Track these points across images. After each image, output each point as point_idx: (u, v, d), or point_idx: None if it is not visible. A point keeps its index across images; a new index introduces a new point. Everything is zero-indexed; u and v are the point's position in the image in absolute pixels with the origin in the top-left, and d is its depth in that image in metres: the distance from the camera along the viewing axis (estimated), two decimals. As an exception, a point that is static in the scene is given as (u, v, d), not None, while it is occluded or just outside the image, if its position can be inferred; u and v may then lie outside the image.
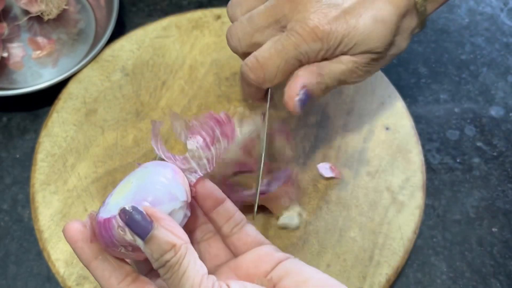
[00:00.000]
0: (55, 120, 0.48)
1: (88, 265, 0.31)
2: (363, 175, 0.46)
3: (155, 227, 0.28)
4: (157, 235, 0.28)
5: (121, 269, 0.31)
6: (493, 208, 0.48)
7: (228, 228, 0.35)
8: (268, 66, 0.36)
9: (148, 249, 0.28)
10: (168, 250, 0.28)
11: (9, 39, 0.54)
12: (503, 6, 0.59)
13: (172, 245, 0.28)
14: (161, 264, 0.28)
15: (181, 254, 0.28)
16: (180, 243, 0.28)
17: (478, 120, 0.52)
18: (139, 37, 0.53)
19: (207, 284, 0.28)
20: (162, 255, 0.28)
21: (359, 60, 0.36)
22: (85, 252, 0.31)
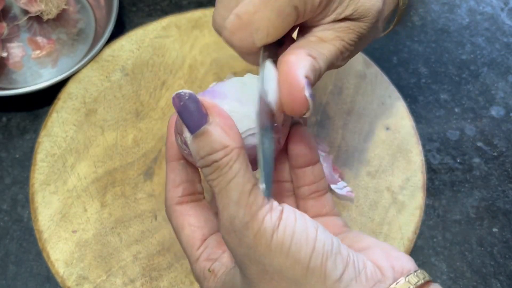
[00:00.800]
0: (55, 120, 0.48)
1: (169, 162, 0.30)
2: (363, 175, 0.46)
3: (210, 121, 0.25)
4: (211, 130, 0.25)
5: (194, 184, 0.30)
6: (494, 208, 0.48)
7: (308, 191, 0.32)
8: (256, 21, 0.27)
9: (195, 144, 0.25)
10: (218, 150, 0.25)
11: (9, 39, 0.54)
12: (504, 6, 0.59)
13: (224, 145, 0.25)
14: (207, 163, 0.25)
15: (232, 157, 0.25)
16: (233, 146, 0.25)
17: (478, 120, 0.52)
18: (139, 37, 0.52)
19: (258, 194, 0.25)
20: (210, 154, 0.25)
21: (346, 37, 0.29)
22: (173, 149, 0.29)
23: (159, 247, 0.43)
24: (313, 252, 0.24)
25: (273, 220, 0.24)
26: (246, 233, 0.24)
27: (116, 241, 0.43)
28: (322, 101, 0.50)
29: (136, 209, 0.44)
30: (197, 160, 0.26)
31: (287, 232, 0.24)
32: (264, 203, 0.25)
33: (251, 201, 0.24)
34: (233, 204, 0.25)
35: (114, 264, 0.42)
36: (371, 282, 0.25)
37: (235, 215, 0.24)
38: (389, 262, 0.27)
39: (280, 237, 0.24)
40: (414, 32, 0.57)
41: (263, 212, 0.24)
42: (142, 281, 0.41)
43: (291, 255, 0.24)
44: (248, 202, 0.24)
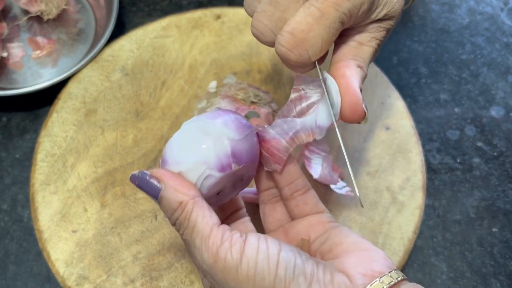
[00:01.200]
0: (55, 120, 0.48)
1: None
2: (363, 175, 0.46)
3: (163, 188, 0.29)
4: (165, 195, 0.28)
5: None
6: (493, 208, 0.48)
7: (289, 192, 0.34)
8: (310, 39, 0.29)
9: (162, 209, 0.29)
10: (176, 208, 0.28)
11: (9, 39, 0.54)
12: (503, 6, 0.59)
13: (179, 202, 0.28)
14: (173, 222, 0.29)
15: (188, 210, 0.28)
16: (186, 200, 0.28)
17: (478, 120, 0.52)
18: (139, 37, 0.52)
19: (217, 234, 0.28)
20: (172, 213, 0.29)
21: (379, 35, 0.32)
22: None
23: (159, 247, 0.43)
24: (275, 279, 0.26)
25: (234, 257, 0.27)
26: (215, 272, 0.27)
27: (116, 241, 0.43)
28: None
29: (136, 209, 0.44)
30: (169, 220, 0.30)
31: (250, 265, 0.27)
32: (224, 240, 0.27)
33: (211, 244, 0.27)
34: (197, 250, 0.28)
35: (114, 264, 0.42)
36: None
37: (202, 259, 0.28)
38: (362, 268, 0.28)
39: (244, 270, 0.27)
40: (414, 32, 0.57)
41: (223, 251, 0.27)
42: (142, 281, 0.41)
43: (257, 284, 0.27)
44: (208, 245, 0.27)
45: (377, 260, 0.29)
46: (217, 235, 0.28)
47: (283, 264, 0.27)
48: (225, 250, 0.27)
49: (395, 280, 0.27)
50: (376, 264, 0.28)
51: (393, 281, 0.27)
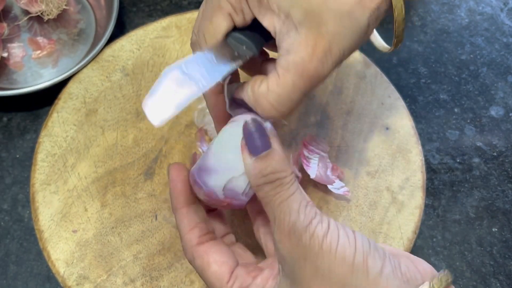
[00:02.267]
0: (55, 120, 0.48)
1: (178, 209, 0.32)
2: (363, 175, 0.46)
3: (273, 147, 0.29)
4: (274, 154, 0.29)
5: (207, 224, 0.32)
6: (493, 208, 0.48)
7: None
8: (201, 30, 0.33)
9: (258, 164, 0.28)
10: (281, 170, 0.28)
11: (9, 39, 0.54)
12: (503, 6, 0.59)
13: (286, 167, 0.29)
14: (270, 180, 0.28)
15: (292, 178, 0.29)
16: (290, 171, 0.29)
17: (478, 120, 0.52)
18: (139, 37, 0.53)
19: (312, 207, 0.28)
20: (274, 172, 0.28)
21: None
22: (181, 196, 0.32)
23: (160, 246, 0.43)
24: (356, 251, 0.27)
25: (323, 227, 0.28)
26: (304, 234, 0.28)
27: (116, 240, 0.43)
28: (322, 101, 0.50)
29: (137, 209, 0.44)
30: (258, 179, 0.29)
31: (333, 237, 0.28)
32: (317, 214, 0.28)
33: (308, 211, 0.28)
34: (295, 212, 0.28)
35: (115, 263, 0.42)
36: (405, 277, 0.28)
37: (296, 220, 0.28)
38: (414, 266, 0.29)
39: (329, 240, 0.27)
40: (414, 32, 0.58)
41: (316, 221, 0.28)
42: (142, 281, 0.41)
43: (338, 255, 0.27)
44: (306, 211, 0.28)
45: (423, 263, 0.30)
46: (312, 207, 0.29)
47: (360, 240, 0.28)
48: (318, 221, 0.28)
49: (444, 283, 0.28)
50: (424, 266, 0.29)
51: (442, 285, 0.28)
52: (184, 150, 0.47)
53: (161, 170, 0.46)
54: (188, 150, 0.47)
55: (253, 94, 0.31)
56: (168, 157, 0.47)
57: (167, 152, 0.47)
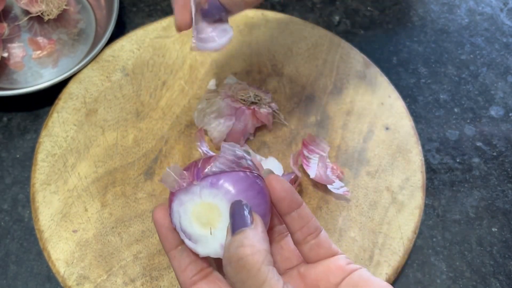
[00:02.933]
0: (56, 120, 0.48)
1: (168, 252, 0.32)
2: (363, 175, 0.46)
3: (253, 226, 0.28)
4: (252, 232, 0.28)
5: (197, 263, 0.31)
6: (493, 208, 0.48)
7: (301, 236, 0.33)
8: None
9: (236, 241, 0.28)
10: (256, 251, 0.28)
11: (10, 39, 0.54)
12: (503, 6, 0.59)
13: (263, 248, 0.28)
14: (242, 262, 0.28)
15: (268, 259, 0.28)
16: (267, 250, 0.28)
17: (477, 120, 0.52)
18: (139, 37, 0.53)
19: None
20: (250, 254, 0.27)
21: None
22: (168, 240, 0.31)
23: (160, 246, 0.43)
24: None
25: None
26: None
27: (116, 240, 0.43)
28: (322, 101, 0.50)
29: (137, 208, 0.44)
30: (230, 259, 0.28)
31: None
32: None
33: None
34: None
35: (115, 263, 0.42)
36: None
37: None
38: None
39: None
40: (414, 32, 0.58)
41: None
42: (142, 281, 0.41)
43: None
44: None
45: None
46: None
47: None
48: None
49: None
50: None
51: None
52: (184, 150, 0.47)
53: (161, 170, 0.46)
54: (188, 150, 0.47)
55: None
56: (168, 157, 0.47)
57: (167, 152, 0.47)
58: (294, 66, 0.52)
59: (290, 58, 0.52)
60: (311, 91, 0.50)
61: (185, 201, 0.30)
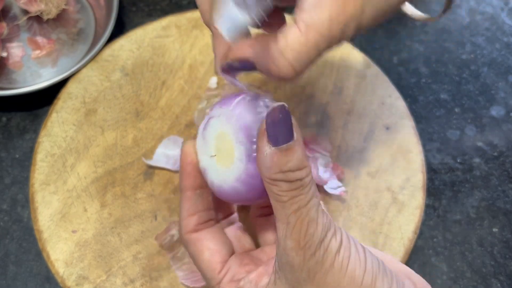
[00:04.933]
0: (55, 120, 0.48)
1: (183, 191, 0.31)
2: (363, 175, 0.46)
3: (296, 138, 0.26)
4: (296, 147, 0.25)
5: (208, 212, 0.30)
6: (494, 208, 0.48)
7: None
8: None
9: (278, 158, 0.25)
10: (302, 168, 0.26)
11: (9, 39, 0.54)
12: (504, 6, 0.59)
13: (306, 165, 0.26)
14: (289, 178, 0.26)
15: (311, 179, 0.26)
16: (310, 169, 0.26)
17: (478, 120, 0.52)
18: (139, 37, 0.52)
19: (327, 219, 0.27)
20: (294, 170, 0.25)
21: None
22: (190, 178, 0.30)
23: (159, 247, 0.43)
24: (365, 272, 0.27)
25: (337, 241, 0.27)
26: (319, 249, 0.26)
27: (116, 241, 0.43)
28: (322, 101, 0.50)
29: (136, 209, 0.44)
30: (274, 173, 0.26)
31: (345, 254, 0.27)
32: (331, 225, 0.27)
33: (325, 221, 0.27)
34: (313, 222, 0.26)
35: (114, 264, 0.42)
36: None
37: (314, 232, 0.26)
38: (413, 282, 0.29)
39: (341, 257, 0.26)
40: (414, 32, 0.57)
41: (331, 233, 0.27)
42: (142, 281, 0.41)
43: (348, 274, 0.26)
44: (323, 220, 0.26)
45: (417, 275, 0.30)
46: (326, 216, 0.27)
47: (370, 260, 0.27)
48: (332, 233, 0.27)
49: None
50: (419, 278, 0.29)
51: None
52: (184, 150, 0.47)
53: (161, 171, 0.46)
54: (188, 150, 0.47)
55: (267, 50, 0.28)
56: (167, 157, 0.47)
57: (167, 152, 0.47)
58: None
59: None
60: (311, 91, 0.50)
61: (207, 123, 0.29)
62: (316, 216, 0.26)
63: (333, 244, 0.26)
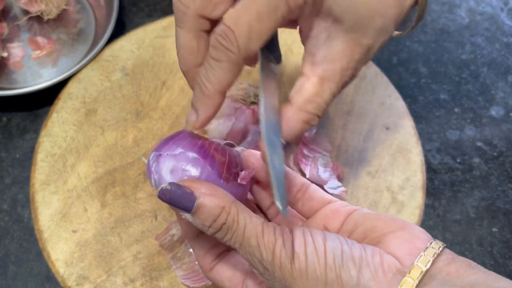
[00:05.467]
0: (55, 120, 0.48)
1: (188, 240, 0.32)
2: (363, 175, 0.46)
3: (198, 196, 0.27)
4: (203, 203, 0.27)
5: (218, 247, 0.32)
6: (493, 208, 0.48)
7: (290, 196, 0.33)
8: (238, 25, 0.27)
9: (197, 219, 0.28)
10: (219, 213, 0.27)
11: (9, 39, 0.54)
12: (503, 6, 0.59)
13: (221, 207, 0.27)
14: (217, 229, 0.28)
15: (234, 212, 0.28)
16: (228, 204, 0.28)
17: (478, 120, 0.52)
18: (139, 37, 0.52)
19: (269, 231, 0.28)
20: (215, 220, 0.27)
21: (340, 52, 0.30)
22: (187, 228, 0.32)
23: (159, 247, 0.43)
24: (326, 267, 0.26)
25: (288, 253, 0.27)
26: (274, 269, 0.27)
27: (116, 241, 0.43)
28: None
29: (136, 209, 0.44)
30: (207, 230, 0.28)
31: (301, 259, 0.27)
32: (277, 237, 0.27)
33: (267, 241, 0.27)
34: (256, 249, 0.27)
35: (114, 264, 0.42)
36: (390, 274, 0.26)
37: (261, 257, 0.27)
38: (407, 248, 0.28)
39: (296, 265, 0.27)
40: (414, 32, 0.57)
41: (278, 248, 0.27)
42: (142, 281, 0.41)
43: (310, 277, 0.27)
44: (264, 243, 0.27)
45: (417, 237, 0.28)
46: (269, 232, 0.28)
47: (330, 253, 0.27)
48: (280, 247, 0.27)
49: (437, 250, 0.27)
50: (418, 241, 0.28)
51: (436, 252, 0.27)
52: (184, 150, 0.47)
53: (161, 170, 0.46)
54: (188, 150, 0.47)
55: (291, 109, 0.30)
56: (168, 157, 0.47)
57: (167, 152, 0.47)
58: (294, 66, 0.52)
59: (290, 58, 0.52)
60: (311, 91, 0.50)
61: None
62: (256, 242, 0.27)
63: (284, 256, 0.27)
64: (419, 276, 0.26)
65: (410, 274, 0.26)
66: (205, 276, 0.33)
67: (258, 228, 0.28)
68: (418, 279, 0.26)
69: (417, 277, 0.26)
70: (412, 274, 0.26)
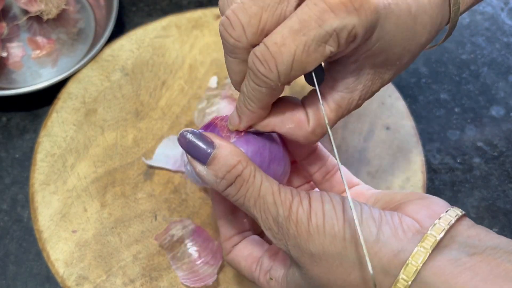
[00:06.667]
0: (55, 120, 0.48)
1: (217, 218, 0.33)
2: (364, 175, 0.46)
3: (217, 146, 0.27)
4: (220, 152, 0.27)
5: (242, 234, 0.33)
6: (494, 208, 0.48)
7: (320, 176, 0.34)
8: (282, 54, 0.25)
9: (211, 170, 0.27)
10: (235, 164, 0.27)
11: (9, 39, 0.54)
12: (504, 6, 0.59)
13: (238, 160, 0.27)
14: (230, 181, 0.27)
15: (251, 167, 0.27)
16: (246, 159, 0.28)
17: (478, 120, 0.52)
18: (139, 37, 0.52)
19: (286, 189, 0.28)
20: (229, 170, 0.27)
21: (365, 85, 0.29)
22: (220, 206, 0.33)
23: (159, 247, 0.43)
24: (345, 224, 0.26)
25: (305, 209, 0.27)
26: (289, 225, 0.27)
27: (116, 241, 0.43)
28: (322, 101, 0.50)
29: (136, 209, 0.44)
30: (219, 184, 0.28)
31: (318, 215, 0.27)
32: (294, 195, 0.27)
33: (284, 198, 0.27)
34: (272, 205, 0.27)
35: (114, 264, 0.42)
36: (409, 233, 0.26)
37: (277, 214, 0.27)
38: (426, 212, 0.28)
39: (314, 221, 0.27)
40: (414, 32, 0.57)
41: (295, 204, 0.27)
42: (142, 281, 0.41)
43: (327, 233, 0.26)
44: (281, 200, 0.27)
45: (436, 203, 0.28)
46: (286, 191, 0.28)
47: (349, 210, 0.27)
48: (297, 203, 0.27)
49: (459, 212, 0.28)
50: (437, 206, 0.28)
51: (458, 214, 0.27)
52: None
53: (161, 170, 0.46)
54: (188, 150, 0.47)
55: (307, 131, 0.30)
56: (167, 157, 0.47)
57: (167, 152, 0.47)
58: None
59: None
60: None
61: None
62: (273, 199, 0.27)
63: (301, 213, 0.27)
64: (441, 233, 0.26)
65: (432, 231, 0.26)
66: (224, 255, 0.34)
67: (274, 186, 0.28)
68: (440, 235, 0.26)
69: (438, 234, 0.26)
70: (433, 231, 0.26)
